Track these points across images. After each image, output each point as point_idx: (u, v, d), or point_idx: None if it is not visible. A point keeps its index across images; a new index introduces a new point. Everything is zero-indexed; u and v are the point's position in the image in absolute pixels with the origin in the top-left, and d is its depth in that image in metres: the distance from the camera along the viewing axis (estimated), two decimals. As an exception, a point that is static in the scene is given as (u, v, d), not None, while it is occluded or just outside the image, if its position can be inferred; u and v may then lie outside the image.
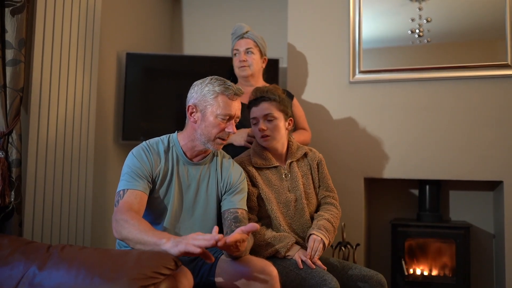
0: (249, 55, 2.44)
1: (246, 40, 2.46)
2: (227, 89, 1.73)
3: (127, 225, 1.53)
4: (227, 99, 1.73)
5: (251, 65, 2.44)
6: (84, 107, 2.51)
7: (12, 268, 1.56)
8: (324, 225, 1.91)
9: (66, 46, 2.37)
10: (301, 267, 1.80)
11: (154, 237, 1.48)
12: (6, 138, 2.00)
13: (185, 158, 1.79)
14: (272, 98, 1.99)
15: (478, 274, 2.82)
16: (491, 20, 2.65)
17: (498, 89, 2.62)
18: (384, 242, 2.97)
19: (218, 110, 1.72)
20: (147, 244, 1.48)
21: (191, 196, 1.79)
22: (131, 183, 1.67)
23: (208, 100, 1.74)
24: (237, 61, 2.46)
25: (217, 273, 1.67)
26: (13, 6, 2.00)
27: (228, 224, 1.76)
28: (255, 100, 2.01)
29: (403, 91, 2.77)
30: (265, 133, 1.96)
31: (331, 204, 2.05)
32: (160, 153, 1.77)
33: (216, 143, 1.76)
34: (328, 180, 2.10)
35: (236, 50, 2.47)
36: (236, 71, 2.50)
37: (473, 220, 2.86)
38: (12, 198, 2.01)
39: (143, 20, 3.34)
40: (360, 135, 2.81)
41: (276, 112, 1.98)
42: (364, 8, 2.86)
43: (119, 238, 1.58)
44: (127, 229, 1.53)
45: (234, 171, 1.87)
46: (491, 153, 2.60)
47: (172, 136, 1.84)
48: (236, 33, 2.49)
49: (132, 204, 1.62)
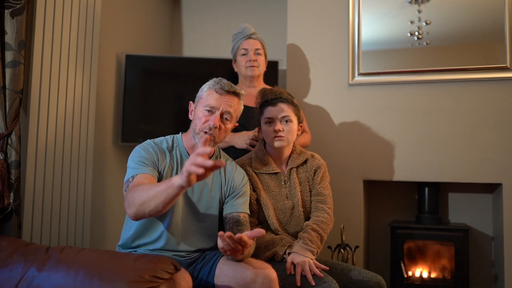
0: (258, 56, 2.44)
1: (254, 41, 2.45)
2: (217, 83, 1.77)
3: (137, 193, 1.51)
4: (214, 92, 1.76)
5: (260, 65, 2.44)
6: (83, 109, 2.51)
7: (11, 269, 1.56)
8: (308, 237, 1.88)
9: (66, 48, 2.37)
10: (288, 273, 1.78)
11: (163, 183, 1.43)
12: (5, 140, 2.00)
13: (188, 158, 1.79)
14: (289, 100, 2.00)
15: (477, 277, 2.82)
16: (490, 23, 2.66)
17: (497, 92, 2.63)
18: (383, 244, 2.97)
19: (204, 103, 1.75)
20: (159, 193, 1.43)
21: (194, 198, 1.79)
22: (138, 169, 1.66)
23: (201, 95, 1.80)
24: (246, 60, 2.43)
25: (216, 276, 1.67)
26: (13, 8, 2.00)
27: (229, 228, 1.76)
28: (272, 100, 1.98)
29: (402, 93, 2.77)
30: (281, 134, 1.95)
31: (320, 210, 1.99)
32: (164, 151, 1.78)
33: (200, 136, 1.74)
34: (320, 185, 2.03)
35: (245, 50, 2.44)
36: (242, 71, 2.46)
37: (472, 222, 2.86)
38: (11, 199, 2.01)
39: (142, 22, 3.35)
40: (360, 137, 2.82)
41: (292, 115, 1.98)
42: (363, 10, 2.86)
43: (134, 211, 1.51)
44: (137, 196, 1.50)
45: (237, 175, 1.86)
46: (490, 155, 2.60)
47: (176, 136, 1.85)
48: (244, 32, 2.46)
49: (141, 181, 1.60)
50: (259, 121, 2.05)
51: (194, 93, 1.87)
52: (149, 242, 1.75)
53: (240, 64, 2.47)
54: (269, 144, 2.00)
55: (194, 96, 1.86)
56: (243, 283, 1.59)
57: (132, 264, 1.48)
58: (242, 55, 2.45)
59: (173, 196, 1.42)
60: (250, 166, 2.00)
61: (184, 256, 1.78)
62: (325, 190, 2.03)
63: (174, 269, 1.49)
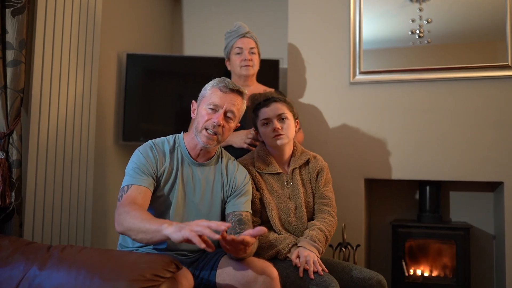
0: (253, 55, 2.44)
1: (248, 40, 2.44)
2: (221, 82, 1.77)
3: (129, 217, 1.50)
4: (218, 90, 1.75)
5: (254, 65, 2.44)
6: (84, 108, 2.51)
7: (12, 268, 1.56)
8: (316, 235, 1.90)
9: (67, 47, 2.37)
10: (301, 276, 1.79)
11: (155, 223, 1.42)
12: (6, 139, 2.00)
13: (190, 158, 1.79)
14: (282, 99, 2.03)
15: (478, 275, 2.82)
16: (491, 21, 2.65)
17: (499, 90, 2.62)
18: (384, 243, 2.97)
19: (208, 101, 1.75)
20: (148, 231, 1.43)
21: (196, 198, 1.78)
22: (135, 179, 1.66)
23: (204, 94, 1.79)
24: (241, 59, 2.42)
25: (218, 274, 1.67)
26: (14, 7, 2.00)
27: (232, 227, 1.75)
28: (265, 102, 2.01)
29: (403, 92, 2.77)
30: (280, 132, 1.95)
31: (325, 212, 2.01)
32: (165, 153, 1.77)
33: (203, 134, 1.73)
34: (324, 188, 2.05)
35: (239, 49, 2.43)
36: (237, 70, 2.45)
37: (474, 221, 2.86)
38: (12, 199, 2.01)
39: (143, 21, 3.35)
40: (361, 136, 2.81)
41: (288, 112, 2.00)
42: (364, 9, 2.86)
43: (121, 230, 1.53)
44: (128, 220, 1.50)
45: (239, 174, 1.86)
46: (492, 154, 2.60)
47: (178, 136, 1.85)
48: (239, 31, 2.45)
49: (136, 198, 1.60)
50: (255, 126, 2.05)
51: (195, 92, 1.87)
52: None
53: (234, 63, 2.45)
54: (270, 144, 2.00)
55: (195, 95, 1.85)
56: (245, 282, 1.59)
57: (134, 263, 1.48)
58: (236, 54, 2.44)
59: (158, 240, 1.43)
60: (253, 166, 2.00)
61: (186, 255, 1.78)
62: (330, 193, 2.06)
63: (176, 268, 1.49)
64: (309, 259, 1.79)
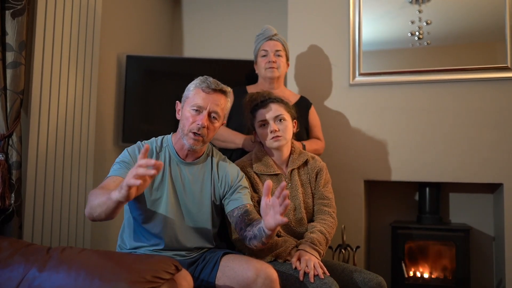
0: (278, 57, 2.42)
1: (275, 42, 2.43)
2: (203, 82, 1.76)
3: (93, 196, 1.52)
4: (201, 91, 1.75)
5: (279, 67, 2.42)
6: (84, 110, 2.51)
7: (12, 270, 1.56)
8: (317, 238, 1.89)
9: (66, 48, 2.37)
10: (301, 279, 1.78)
11: (106, 194, 1.42)
12: (6, 141, 2.00)
13: (178, 158, 1.79)
14: (279, 100, 2.01)
15: (478, 277, 2.81)
16: (491, 23, 2.65)
17: (498, 92, 2.63)
18: (384, 245, 2.97)
19: (191, 102, 1.75)
20: (102, 203, 1.43)
21: (185, 196, 1.78)
22: (115, 171, 1.69)
23: (187, 95, 1.79)
24: (266, 62, 2.41)
25: (218, 276, 1.67)
26: (13, 8, 2.01)
27: (240, 220, 1.73)
28: (262, 102, 2.00)
29: (403, 93, 2.77)
30: (278, 134, 1.95)
31: (325, 213, 2.00)
32: (152, 152, 1.79)
33: (189, 137, 1.73)
34: (324, 189, 2.04)
35: (265, 51, 2.42)
36: (262, 72, 2.44)
37: (473, 222, 2.86)
38: (12, 200, 2.01)
39: (143, 23, 3.35)
40: (360, 138, 2.81)
41: (285, 113, 1.99)
42: (364, 10, 2.86)
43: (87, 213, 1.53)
44: (91, 199, 1.51)
45: (231, 170, 1.86)
46: (491, 155, 2.60)
47: (167, 137, 1.86)
48: (265, 34, 2.45)
49: (108, 184, 1.61)
50: (252, 126, 2.05)
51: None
52: (148, 245, 1.76)
53: (260, 66, 2.45)
54: (268, 146, 2.00)
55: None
56: (244, 284, 1.59)
57: (133, 265, 1.48)
58: (262, 56, 2.43)
59: (112, 208, 1.42)
60: (251, 167, 2.00)
61: (185, 255, 1.78)
62: (330, 194, 2.05)
63: (175, 270, 1.49)
64: (310, 262, 1.78)
